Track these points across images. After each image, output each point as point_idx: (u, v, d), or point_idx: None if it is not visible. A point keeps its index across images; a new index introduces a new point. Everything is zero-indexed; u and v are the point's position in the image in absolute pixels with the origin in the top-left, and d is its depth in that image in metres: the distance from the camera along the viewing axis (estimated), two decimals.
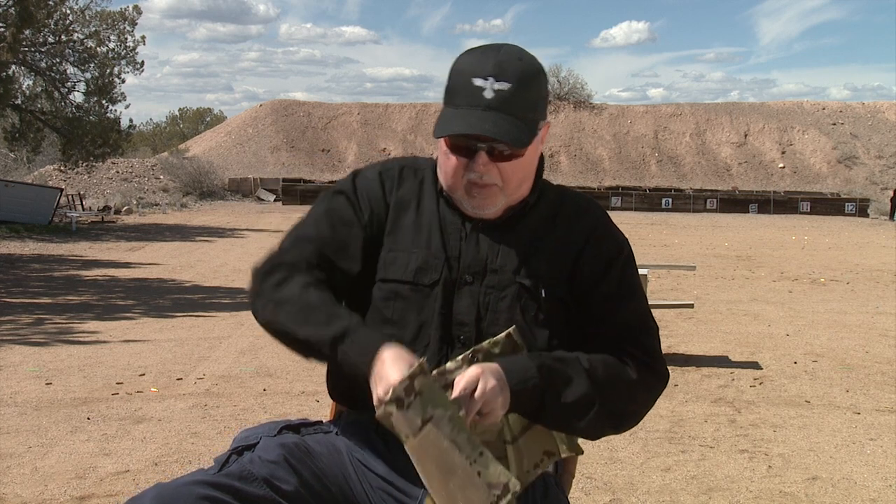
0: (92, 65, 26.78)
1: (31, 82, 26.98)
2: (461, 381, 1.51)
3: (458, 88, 1.66)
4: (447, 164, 1.70)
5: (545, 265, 1.73)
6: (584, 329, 1.74)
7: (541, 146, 1.76)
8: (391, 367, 1.50)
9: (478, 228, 1.74)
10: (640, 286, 1.82)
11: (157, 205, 37.35)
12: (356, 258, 1.75)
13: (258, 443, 1.69)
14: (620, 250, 1.79)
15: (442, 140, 1.69)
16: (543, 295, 1.70)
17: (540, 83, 1.70)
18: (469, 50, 1.72)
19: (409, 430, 1.45)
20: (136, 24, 27.72)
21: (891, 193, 42.86)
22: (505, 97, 1.62)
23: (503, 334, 1.61)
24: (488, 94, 1.62)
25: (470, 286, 1.72)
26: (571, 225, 1.78)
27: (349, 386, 1.74)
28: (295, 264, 1.72)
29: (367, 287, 1.77)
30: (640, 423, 1.77)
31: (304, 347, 1.65)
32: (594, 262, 1.75)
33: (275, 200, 43.94)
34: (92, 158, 27.52)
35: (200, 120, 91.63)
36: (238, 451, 1.67)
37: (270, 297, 1.69)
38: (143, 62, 28.31)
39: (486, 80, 1.63)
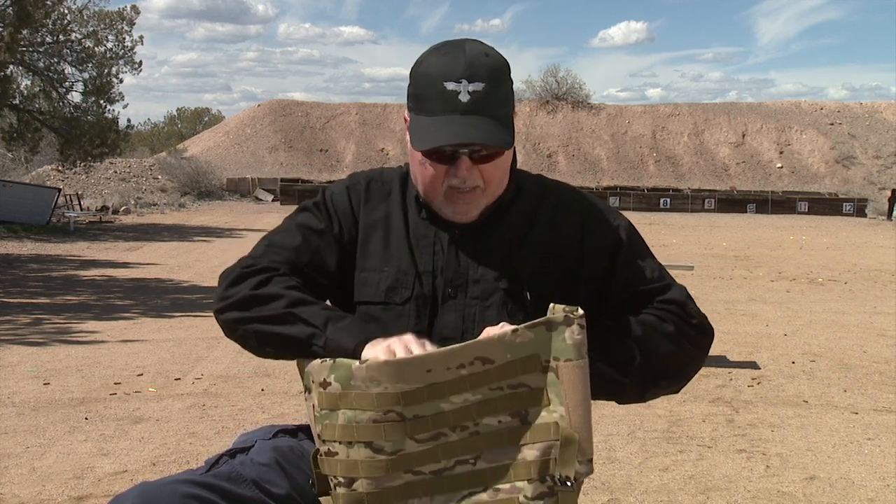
0: (90, 65, 26.76)
1: (28, 82, 26.99)
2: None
3: (429, 94, 1.60)
4: (425, 172, 1.64)
5: (528, 265, 1.68)
6: (609, 309, 1.68)
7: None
8: (411, 339, 1.48)
9: (455, 239, 1.69)
10: (651, 256, 1.75)
11: (155, 205, 37.32)
12: (330, 268, 1.71)
13: (253, 446, 1.68)
14: (617, 234, 1.73)
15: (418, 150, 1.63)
16: (529, 297, 1.65)
17: (508, 77, 1.65)
18: (431, 51, 1.66)
19: (586, 349, 1.42)
20: (135, 23, 27.72)
21: (888, 193, 42.89)
22: (480, 98, 1.57)
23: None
24: (464, 98, 1.57)
25: (454, 300, 1.67)
26: (555, 223, 1.72)
27: None
28: (271, 268, 1.67)
29: (342, 303, 1.74)
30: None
31: (284, 322, 1.57)
32: (594, 257, 1.70)
33: (273, 200, 43.93)
34: (90, 158, 27.50)
35: (198, 120, 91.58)
36: (231, 453, 1.66)
37: (248, 295, 1.62)
38: (141, 62, 28.32)
39: (459, 82, 1.57)
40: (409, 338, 1.48)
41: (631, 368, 1.56)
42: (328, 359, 1.47)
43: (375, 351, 1.47)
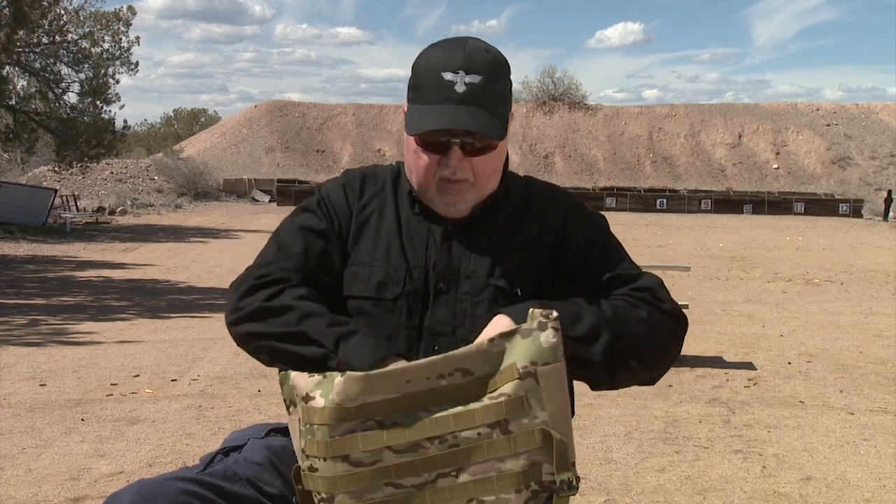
0: (86, 65, 26.75)
1: (25, 83, 26.96)
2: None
3: (427, 84, 1.63)
4: (418, 162, 1.66)
5: (518, 262, 1.70)
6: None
7: (507, 139, 1.74)
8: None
9: (448, 235, 1.71)
10: (625, 253, 1.78)
11: (151, 205, 37.31)
12: (336, 267, 1.72)
13: (246, 444, 1.68)
14: (598, 230, 1.76)
15: (411, 138, 1.66)
16: (519, 294, 1.66)
17: (507, 75, 1.68)
18: (433, 45, 1.69)
19: (562, 351, 1.43)
20: (131, 24, 27.74)
21: (884, 194, 42.99)
22: (476, 90, 1.60)
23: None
24: (460, 88, 1.59)
25: (445, 295, 1.68)
26: (542, 218, 1.75)
27: None
28: (283, 279, 1.66)
29: (335, 297, 1.74)
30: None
31: (296, 342, 1.57)
32: (576, 249, 1.72)
33: (270, 201, 43.92)
34: (86, 159, 27.49)
35: (195, 121, 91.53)
36: (225, 451, 1.66)
37: (260, 308, 1.62)
38: (137, 63, 28.32)
39: (457, 73, 1.60)
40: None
41: (596, 345, 1.54)
42: (316, 374, 1.46)
43: None
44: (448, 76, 1.60)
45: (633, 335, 1.59)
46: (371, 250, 1.72)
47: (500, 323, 1.52)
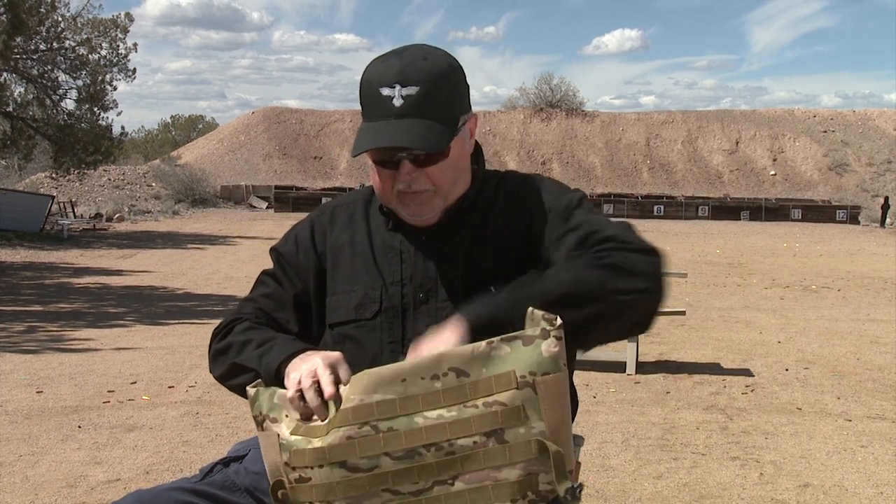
0: (83, 72, 26.73)
1: (22, 89, 26.92)
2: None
3: (369, 100, 1.63)
4: (376, 179, 1.68)
5: (491, 259, 1.68)
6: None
7: (471, 139, 1.72)
8: (326, 352, 1.52)
9: (422, 245, 1.70)
10: (599, 216, 1.67)
11: (148, 212, 37.31)
12: (290, 313, 1.78)
13: (248, 454, 1.69)
14: (570, 201, 1.69)
15: (367, 155, 1.65)
16: (493, 291, 1.62)
17: (451, 79, 1.65)
18: (375, 59, 1.69)
19: (564, 361, 1.40)
20: (128, 31, 27.72)
21: (881, 201, 43.08)
22: (414, 102, 1.58)
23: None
24: (397, 102, 1.59)
25: (426, 304, 1.68)
26: (512, 208, 1.72)
27: None
28: (236, 319, 1.76)
29: (321, 331, 1.79)
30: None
31: (236, 374, 1.67)
32: (552, 228, 1.65)
33: (267, 208, 43.94)
34: (83, 166, 27.47)
35: (192, 127, 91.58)
36: (225, 462, 1.67)
37: (213, 352, 1.74)
38: (134, 69, 28.35)
39: (393, 87, 1.59)
40: (336, 355, 1.51)
41: (576, 304, 1.46)
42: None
43: (295, 367, 1.51)
44: (385, 91, 1.60)
45: (591, 279, 1.49)
46: (349, 277, 1.74)
47: (446, 338, 1.46)
